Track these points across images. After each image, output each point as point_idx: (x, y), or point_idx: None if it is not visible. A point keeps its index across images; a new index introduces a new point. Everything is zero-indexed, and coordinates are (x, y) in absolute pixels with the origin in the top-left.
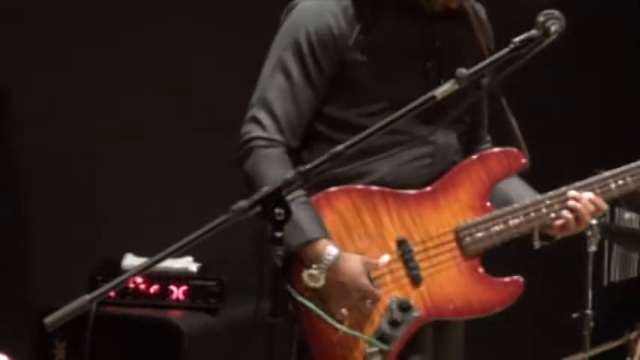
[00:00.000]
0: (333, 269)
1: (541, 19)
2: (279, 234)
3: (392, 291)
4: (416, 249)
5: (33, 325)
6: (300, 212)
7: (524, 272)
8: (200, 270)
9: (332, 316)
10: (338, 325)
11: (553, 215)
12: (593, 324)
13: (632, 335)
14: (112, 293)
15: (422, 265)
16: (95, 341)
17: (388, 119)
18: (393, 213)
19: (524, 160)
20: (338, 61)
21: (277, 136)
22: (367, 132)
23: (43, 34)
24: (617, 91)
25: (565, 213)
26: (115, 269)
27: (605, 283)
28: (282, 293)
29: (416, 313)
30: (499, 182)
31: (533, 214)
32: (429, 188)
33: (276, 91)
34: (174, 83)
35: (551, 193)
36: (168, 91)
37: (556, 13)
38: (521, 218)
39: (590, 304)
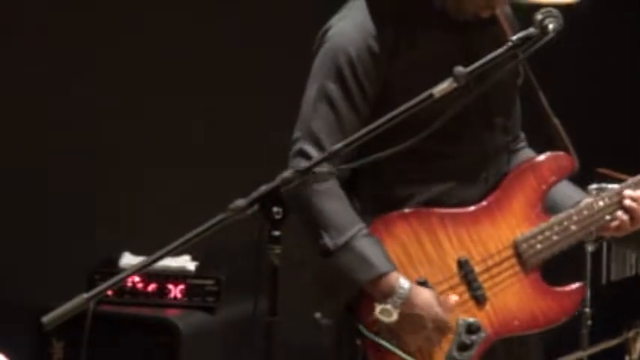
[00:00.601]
0: (407, 303)
1: (539, 17)
2: (276, 233)
3: (458, 314)
4: (477, 269)
5: (31, 324)
6: (365, 246)
7: None
8: (198, 269)
9: (403, 349)
10: (409, 358)
11: (608, 217)
12: (591, 322)
13: (631, 333)
14: (109, 292)
15: (485, 284)
16: (93, 340)
17: (389, 116)
18: (451, 234)
19: (574, 164)
20: (380, 82)
21: (328, 168)
22: (366, 130)
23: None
24: (618, 89)
25: (620, 214)
26: (113, 268)
27: (604, 281)
28: (348, 329)
29: (483, 334)
30: (551, 189)
31: (588, 219)
32: (484, 203)
33: (321, 122)
34: (173, 82)
35: (604, 194)
36: (167, 91)
37: (554, 11)
38: (578, 224)
39: (588, 303)
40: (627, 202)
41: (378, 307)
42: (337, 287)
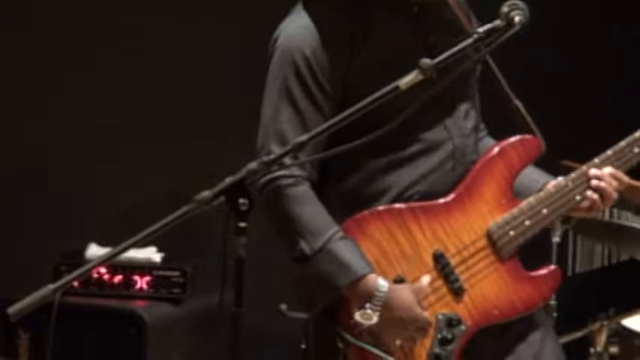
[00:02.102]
0: (386, 305)
1: (505, 9)
2: (242, 224)
3: (437, 309)
4: (453, 261)
5: None
6: (342, 249)
7: None
8: (164, 260)
9: (386, 350)
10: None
11: (578, 198)
12: (556, 314)
13: (596, 326)
14: (75, 283)
15: (462, 276)
16: (59, 331)
17: (352, 109)
18: (425, 228)
19: (542, 146)
20: (340, 80)
21: (299, 172)
22: (332, 121)
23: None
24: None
25: (590, 194)
26: (79, 259)
27: (569, 273)
28: (328, 332)
29: (464, 327)
30: (520, 173)
31: (559, 201)
32: (454, 194)
33: (286, 123)
34: (144, 77)
35: (572, 175)
36: (137, 85)
37: (520, 3)
38: (549, 207)
39: (553, 295)
40: (594, 181)
41: (358, 312)
42: (315, 293)
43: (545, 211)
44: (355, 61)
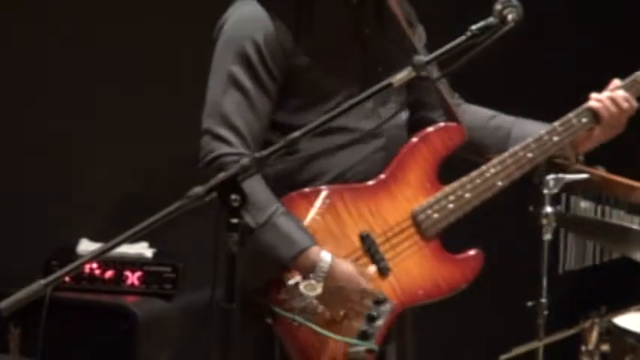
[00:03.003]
0: (329, 276)
1: (498, 7)
2: (234, 220)
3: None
4: (379, 241)
5: None
6: (285, 223)
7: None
8: (155, 256)
9: (318, 323)
10: (325, 332)
11: (500, 184)
12: (547, 312)
13: (587, 324)
14: (67, 278)
15: (387, 256)
16: (50, 326)
17: (338, 109)
18: (351, 209)
19: (464, 133)
20: (286, 66)
21: (245, 151)
22: (320, 120)
23: None
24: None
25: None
26: (70, 254)
27: (561, 271)
28: (254, 310)
29: (390, 305)
30: (444, 159)
31: (481, 186)
32: (381, 177)
33: (233, 106)
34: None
35: (494, 161)
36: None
37: (513, 1)
38: (472, 191)
39: (544, 293)
40: (593, 103)
41: (302, 284)
42: (260, 266)
43: (467, 195)
44: (300, 47)
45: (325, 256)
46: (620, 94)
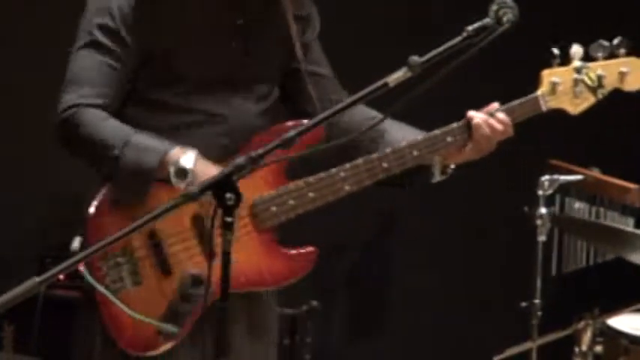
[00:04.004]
0: (200, 165)
1: (494, 7)
2: (229, 219)
3: (187, 267)
4: (210, 225)
5: None
6: (143, 138)
7: (473, 261)
8: None
9: (123, 299)
10: (127, 310)
11: (347, 188)
12: (541, 313)
13: (580, 325)
14: (61, 276)
15: (217, 240)
16: (44, 324)
17: (339, 106)
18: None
19: (321, 132)
20: (145, 40)
21: (98, 101)
22: (319, 118)
23: None
24: None
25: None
26: (65, 252)
27: (555, 272)
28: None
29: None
30: (297, 156)
31: (326, 189)
32: (225, 164)
33: (88, 61)
34: None
35: (346, 166)
36: None
37: (509, 2)
38: (317, 192)
39: (538, 294)
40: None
41: (173, 168)
42: (132, 187)
43: (311, 194)
44: (162, 21)
45: (190, 152)
46: (500, 116)
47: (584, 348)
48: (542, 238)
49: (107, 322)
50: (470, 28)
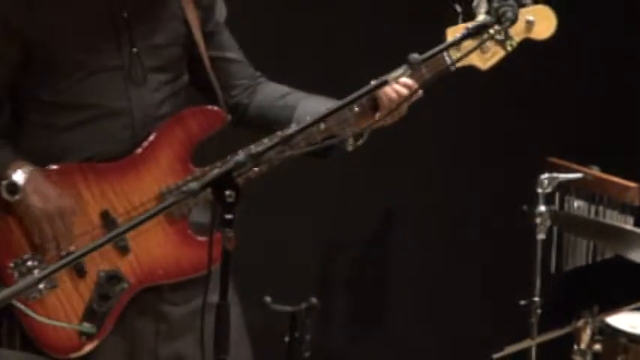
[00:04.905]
0: (32, 181)
1: (495, 5)
2: (229, 216)
3: (100, 265)
4: (120, 220)
5: None
6: None
7: (472, 259)
8: None
9: (37, 310)
10: (39, 318)
11: (256, 170)
12: (540, 311)
13: (580, 323)
14: None
15: (128, 235)
16: None
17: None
18: (93, 187)
19: (224, 116)
20: (20, 41)
21: None
22: (317, 117)
23: None
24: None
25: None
26: None
27: (554, 270)
28: None
29: (125, 285)
30: (200, 142)
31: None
32: (129, 157)
33: None
34: None
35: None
36: None
37: (510, 0)
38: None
39: (538, 292)
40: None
41: (3, 183)
42: None
43: None
44: (36, 19)
45: (27, 168)
46: (402, 80)
47: (583, 346)
48: (541, 236)
49: (28, 328)
50: (470, 25)
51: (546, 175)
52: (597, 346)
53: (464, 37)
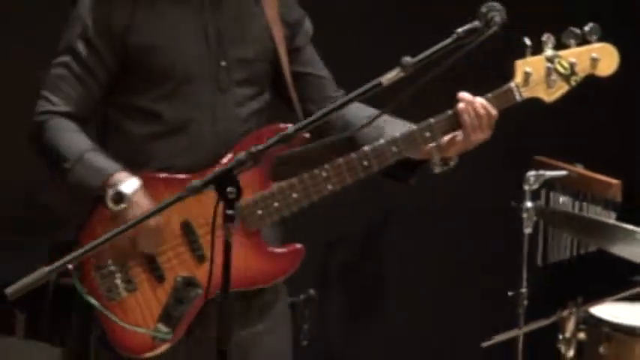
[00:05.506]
0: (133, 198)
1: (483, 10)
2: (231, 211)
3: (178, 272)
4: (200, 231)
5: None
6: (96, 157)
7: (463, 252)
8: None
9: (106, 306)
10: (118, 321)
11: (330, 187)
12: (527, 302)
13: (565, 313)
14: (70, 266)
15: (206, 245)
16: (54, 312)
17: (334, 105)
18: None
19: (303, 136)
20: (120, 48)
21: (69, 109)
22: (318, 115)
23: None
24: None
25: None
26: (73, 244)
27: (540, 263)
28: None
29: (200, 290)
30: (279, 159)
31: (312, 188)
32: (212, 169)
33: (62, 69)
34: None
35: (326, 166)
36: None
37: (497, 5)
38: (301, 193)
39: (524, 283)
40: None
41: (111, 191)
42: (76, 199)
43: (295, 195)
44: (137, 26)
45: (134, 179)
46: (479, 100)
47: (567, 335)
48: (528, 230)
49: (104, 326)
50: (460, 30)
51: (533, 173)
52: (581, 335)
53: (455, 40)
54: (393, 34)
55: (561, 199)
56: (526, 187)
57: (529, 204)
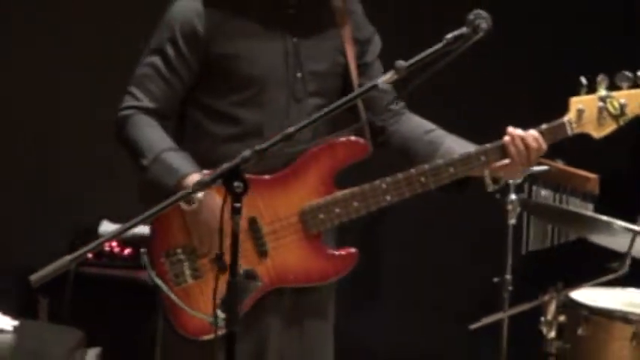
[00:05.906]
0: (208, 196)
1: (471, 17)
2: (238, 205)
3: (241, 264)
4: (265, 228)
5: (19, 284)
6: (172, 157)
7: (453, 242)
8: None
9: (180, 297)
10: (182, 305)
11: (389, 198)
12: (512, 287)
13: (546, 297)
14: (90, 255)
15: (269, 242)
16: (75, 297)
17: (333, 105)
18: (247, 196)
19: (368, 149)
20: (204, 54)
21: (152, 106)
22: (317, 115)
23: None
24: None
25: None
26: (93, 234)
27: (524, 251)
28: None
29: (259, 282)
30: (343, 168)
31: (371, 199)
32: (281, 173)
33: (149, 69)
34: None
35: (388, 179)
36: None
37: (483, 12)
38: (361, 202)
39: (509, 270)
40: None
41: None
42: (152, 195)
43: (356, 204)
44: (218, 43)
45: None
46: (531, 133)
47: (549, 317)
48: (512, 221)
49: (167, 307)
50: (448, 35)
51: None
52: (562, 318)
53: (444, 46)
54: (397, 34)
55: (543, 192)
56: (510, 181)
57: (513, 196)
